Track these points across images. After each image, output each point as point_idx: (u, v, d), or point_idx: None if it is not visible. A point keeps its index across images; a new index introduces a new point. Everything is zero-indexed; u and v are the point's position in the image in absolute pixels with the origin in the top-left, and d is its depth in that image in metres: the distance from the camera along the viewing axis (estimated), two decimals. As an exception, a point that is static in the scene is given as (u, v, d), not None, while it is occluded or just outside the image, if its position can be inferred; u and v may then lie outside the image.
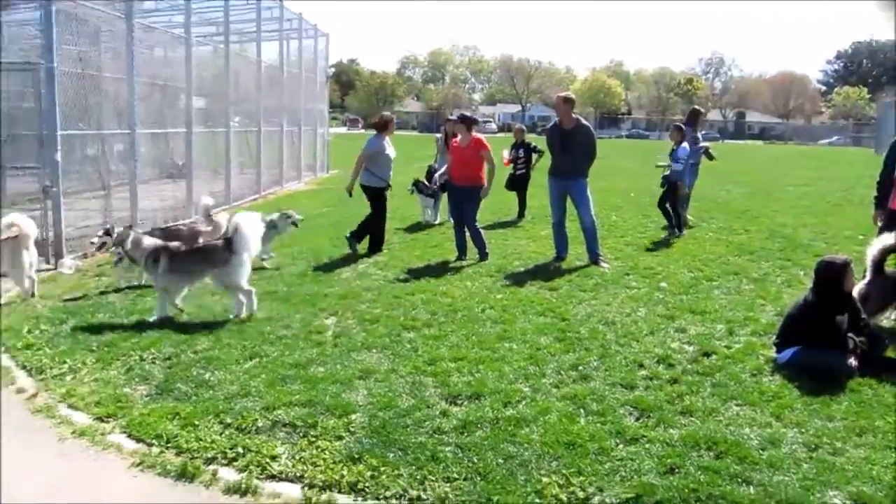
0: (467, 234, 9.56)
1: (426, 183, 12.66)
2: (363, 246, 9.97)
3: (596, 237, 9.34)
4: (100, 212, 11.45)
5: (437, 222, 12.78)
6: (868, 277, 6.40)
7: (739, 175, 24.65)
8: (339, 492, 3.79)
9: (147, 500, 3.80)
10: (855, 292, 5.92)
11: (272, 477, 3.94)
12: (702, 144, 12.93)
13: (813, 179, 24.16)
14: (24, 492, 3.85)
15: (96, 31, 11.92)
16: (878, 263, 6.37)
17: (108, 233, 7.49)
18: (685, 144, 11.37)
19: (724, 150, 34.12)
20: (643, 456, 4.10)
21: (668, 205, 11.41)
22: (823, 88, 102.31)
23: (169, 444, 4.27)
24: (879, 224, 7.19)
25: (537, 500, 3.71)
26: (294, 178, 20.40)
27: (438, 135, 14.06)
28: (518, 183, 13.73)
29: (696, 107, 14.25)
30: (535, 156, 13.77)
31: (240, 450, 4.17)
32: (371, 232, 10.03)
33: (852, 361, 5.35)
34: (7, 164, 11.45)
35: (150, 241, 6.99)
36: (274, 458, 4.09)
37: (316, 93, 23.32)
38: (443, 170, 10.54)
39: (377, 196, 10.04)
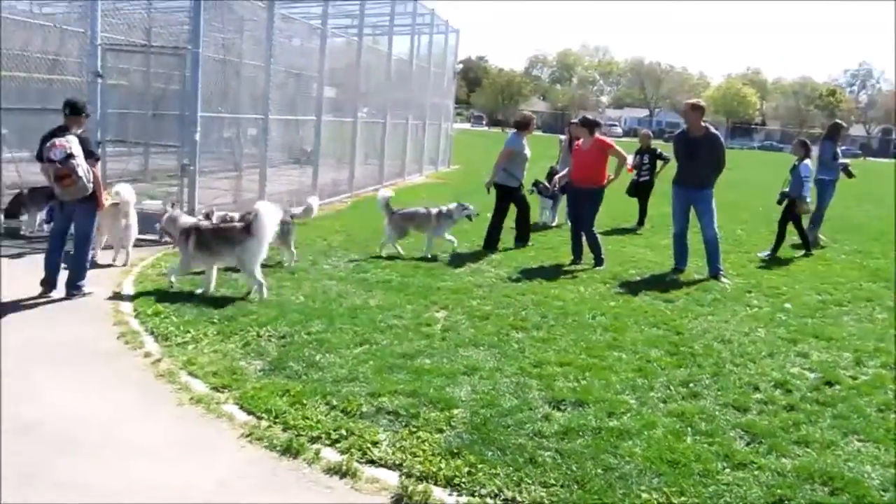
0: (584, 237, 9.42)
1: (546, 184, 12.57)
2: (471, 243, 10.01)
3: (718, 251, 9.00)
4: (231, 191, 12.04)
5: (553, 224, 12.69)
6: None
7: (881, 195, 23.20)
8: (436, 484, 3.82)
9: (253, 470, 3.95)
10: None
11: (372, 462, 4.02)
12: (841, 161, 12.24)
13: (964, 206, 22.40)
14: (142, 449, 4.09)
15: (240, 20, 12.51)
16: None
17: (207, 216, 7.96)
18: (808, 161, 10.74)
19: (866, 169, 32.22)
20: (751, 483, 3.92)
21: (789, 224, 10.84)
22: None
23: (277, 420, 4.43)
24: None
25: (635, 516, 3.62)
26: (416, 170, 20.72)
27: (563, 136, 13.93)
28: (640, 190, 13.41)
29: (838, 121, 13.50)
30: (659, 162, 13.42)
31: (343, 432, 4.27)
32: (490, 229, 10.08)
33: None
34: (152, 141, 12.22)
35: (184, 220, 7.40)
36: (375, 443, 4.16)
37: (443, 88, 23.59)
38: (563, 172, 10.43)
39: (507, 195, 10.08)
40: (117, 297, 7.06)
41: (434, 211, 9.68)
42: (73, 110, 6.92)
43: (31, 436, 4.17)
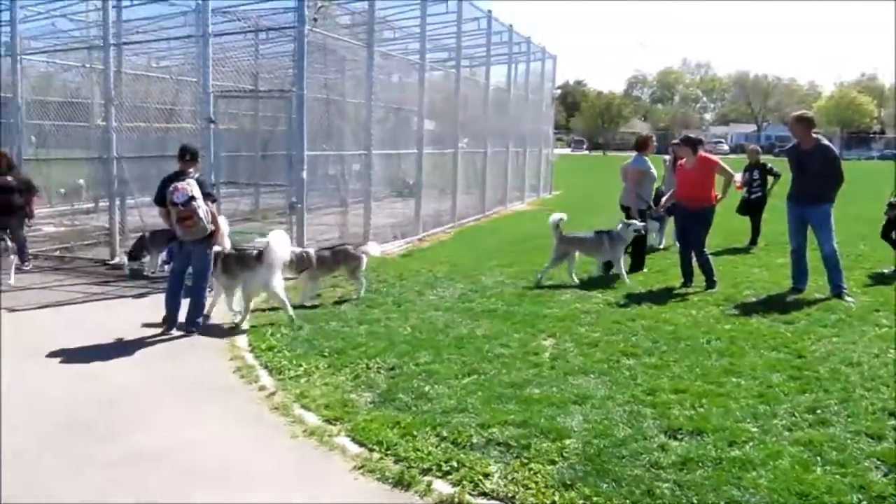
0: (694, 259, 9.12)
1: (653, 206, 12.29)
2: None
3: (839, 267, 8.52)
4: (337, 226, 12.34)
5: (661, 246, 12.36)
6: None
7: None
8: (550, 517, 3.74)
9: (366, 502, 3.97)
10: None
11: (484, 494, 3.97)
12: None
13: None
14: (258, 480, 4.19)
15: (341, 60, 12.91)
16: None
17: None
18: None
19: None
20: (892, 517, 3.65)
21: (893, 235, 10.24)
22: None
23: (388, 452, 4.45)
24: None
25: (764, 552, 3.42)
26: (517, 198, 20.69)
27: (667, 156, 13.60)
28: (752, 207, 12.91)
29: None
30: (770, 178, 12.89)
31: (454, 464, 4.25)
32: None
33: None
34: (261, 181, 12.70)
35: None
36: (487, 475, 4.12)
37: (541, 114, 23.55)
38: (669, 193, 10.16)
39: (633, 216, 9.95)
40: (233, 332, 7.31)
41: (605, 234, 9.61)
42: (191, 156, 7.31)
43: (157, 465, 4.35)
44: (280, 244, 7.50)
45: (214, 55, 10.18)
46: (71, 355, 6.60)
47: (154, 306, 7.86)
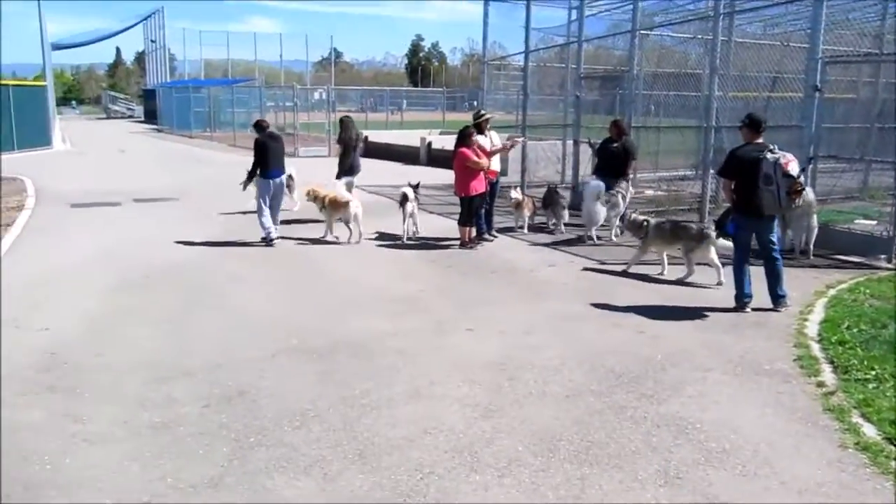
0: None
1: None
2: None
3: None
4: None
5: None
6: None
7: None
8: None
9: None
10: None
11: None
12: None
13: None
14: (785, 481, 3.83)
15: None
16: None
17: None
18: None
19: None
20: None
21: None
22: None
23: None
24: None
25: None
26: None
27: None
28: None
29: None
30: None
31: None
32: None
33: None
34: (870, 157, 11.49)
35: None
36: None
37: None
38: None
39: None
40: (804, 317, 6.81)
41: None
42: (762, 126, 7.07)
43: (686, 437, 4.35)
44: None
45: (832, 17, 9.38)
46: (638, 312, 7.02)
47: (727, 274, 7.75)
